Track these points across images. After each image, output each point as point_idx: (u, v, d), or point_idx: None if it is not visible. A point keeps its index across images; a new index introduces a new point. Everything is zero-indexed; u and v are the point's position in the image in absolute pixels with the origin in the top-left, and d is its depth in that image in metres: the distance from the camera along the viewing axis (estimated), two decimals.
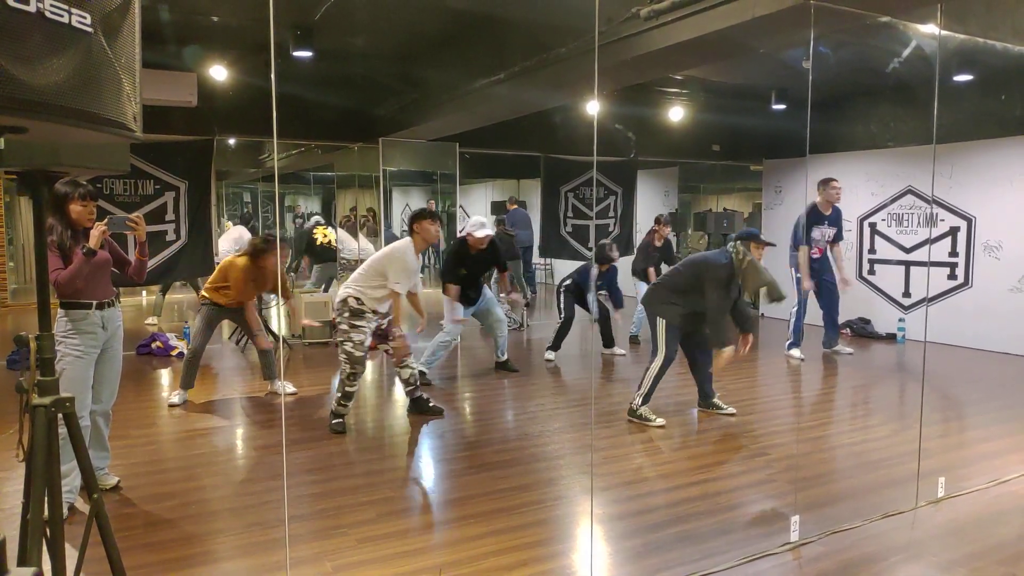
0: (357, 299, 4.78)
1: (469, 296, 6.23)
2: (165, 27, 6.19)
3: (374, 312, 4.84)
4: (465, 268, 6.11)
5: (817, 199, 7.30)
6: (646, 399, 5.00)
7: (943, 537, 3.31)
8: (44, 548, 1.80)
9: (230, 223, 12.34)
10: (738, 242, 4.88)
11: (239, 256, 5.56)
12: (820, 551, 3.14)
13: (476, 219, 6.17)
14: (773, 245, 5.16)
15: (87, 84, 1.32)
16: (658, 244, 7.99)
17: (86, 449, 2.00)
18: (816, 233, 7.21)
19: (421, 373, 6.19)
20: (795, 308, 7.20)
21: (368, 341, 4.81)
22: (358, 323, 4.75)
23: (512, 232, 9.85)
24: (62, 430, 1.88)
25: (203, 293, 5.64)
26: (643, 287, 7.51)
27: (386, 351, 5.11)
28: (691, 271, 4.98)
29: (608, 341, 7.39)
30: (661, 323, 4.97)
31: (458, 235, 6.75)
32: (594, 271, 7.11)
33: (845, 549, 3.16)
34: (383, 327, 4.99)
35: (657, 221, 8.06)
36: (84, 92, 1.32)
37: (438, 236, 4.92)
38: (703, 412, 5.26)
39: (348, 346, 4.73)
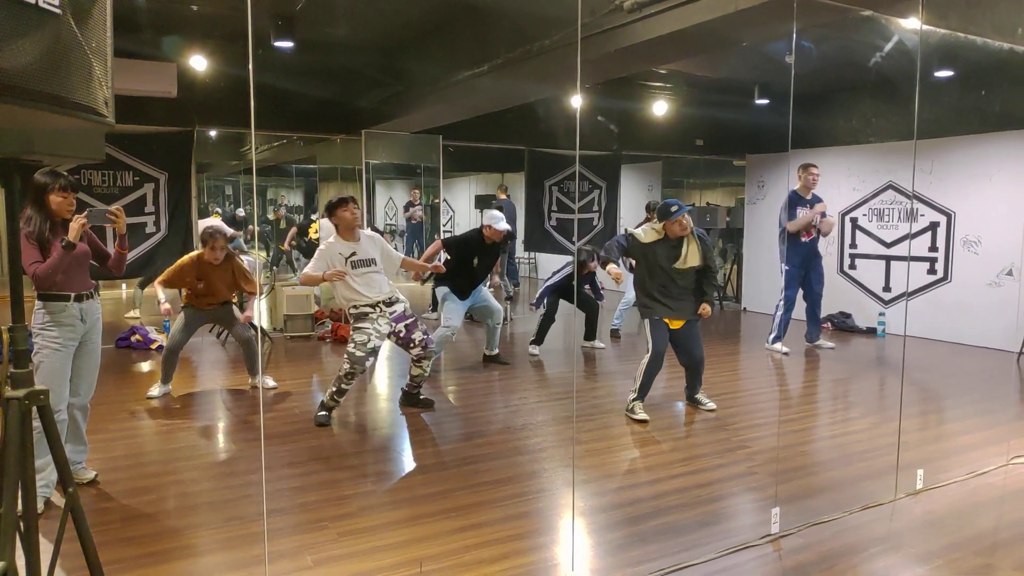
0: (352, 306, 4.84)
1: (467, 288, 6.19)
2: (144, 16, 6.11)
3: (374, 307, 4.80)
4: (477, 258, 6.12)
5: (797, 184, 7.32)
6: (639, 393, 5.00)
7: (921, 528, 3.34)
8: (18, 543, 1.77)
9: (218, 211, 12.19)
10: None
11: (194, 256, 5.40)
12: (800, 543, 3.16)
13: (494, 212, 6.26)
14: (689, 210, 5.00)
15: (55, 67, 1.28)
16: None
17: (61, 443, 1.97)
18: (800, 215, 7.22)
19: None
20: (781, 301, 7.21)
21: (372, 342, 4.75)
22: (360, 324, 4.79)
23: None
24: (37, 423, 1.85)
25: (183, 297, 5.51)
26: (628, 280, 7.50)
27: (410, 348, 5.00)
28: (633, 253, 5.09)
29: (590, 334, 7.39)
30: (646, 321, 5.02)
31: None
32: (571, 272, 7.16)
33: (825, 540, 3.18)
34: (401, 335, 4.90)
35: (648, 209, 8.08)
36: (53, 75, 1.28)
37: (354, 219, 4.81)
38: (689, 406, 5.27)
39: (350, 347, 4.75)
